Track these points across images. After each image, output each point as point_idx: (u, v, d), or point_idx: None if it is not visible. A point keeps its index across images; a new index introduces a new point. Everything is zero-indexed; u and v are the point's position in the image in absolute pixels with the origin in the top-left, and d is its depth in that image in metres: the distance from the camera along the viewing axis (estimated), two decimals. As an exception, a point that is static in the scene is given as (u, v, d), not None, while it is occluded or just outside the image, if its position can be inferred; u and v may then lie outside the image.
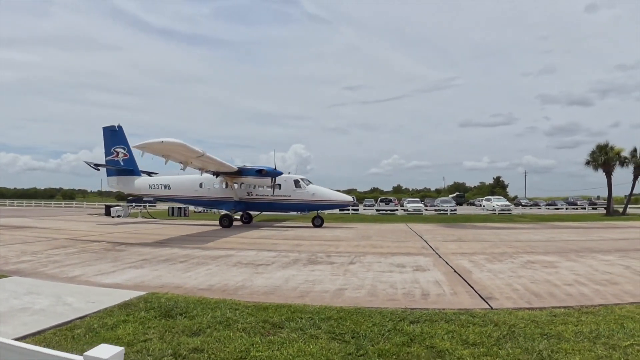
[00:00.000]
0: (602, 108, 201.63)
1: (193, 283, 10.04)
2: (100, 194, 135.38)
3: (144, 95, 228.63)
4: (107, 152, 36.41)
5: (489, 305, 8.23)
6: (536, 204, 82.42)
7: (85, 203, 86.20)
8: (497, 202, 58.89)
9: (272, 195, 31.53)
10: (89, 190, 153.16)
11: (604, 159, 52.32)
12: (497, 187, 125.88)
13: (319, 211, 32.94)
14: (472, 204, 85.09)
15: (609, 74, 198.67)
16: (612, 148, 52.79)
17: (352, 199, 34.16)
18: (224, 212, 31.96)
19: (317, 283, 10.16)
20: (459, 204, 78.79)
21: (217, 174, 31.18)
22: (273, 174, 30.66)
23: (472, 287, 9.89)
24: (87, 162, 37.95)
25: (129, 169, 35.89)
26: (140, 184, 35.81)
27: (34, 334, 6.14)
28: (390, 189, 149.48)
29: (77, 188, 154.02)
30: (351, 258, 14.52)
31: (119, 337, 6.02)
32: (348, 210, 56.55)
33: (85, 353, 2.60)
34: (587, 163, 54.33)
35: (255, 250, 16.25)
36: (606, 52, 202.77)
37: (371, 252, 16.35)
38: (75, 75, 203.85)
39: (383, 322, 6.80)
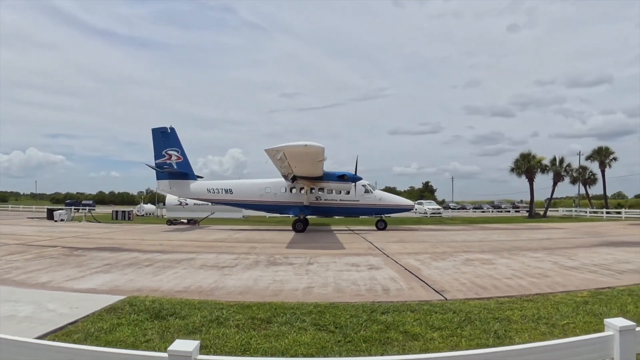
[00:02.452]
0: (522, 119, 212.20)
1: (168, 286, 10.25)
2: (34, 197, 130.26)
3: (81, 96, 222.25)
4: (157, 155, 34.45)
5: (444, 297, 9.13)
6: (463, 207, 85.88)
7: (21, 206, 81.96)
8: (428, 206, 60.73)
9: (341, 200, 31.36)
10: (21, 193, 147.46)
11: (527, 166, 55.53)
12: (426, 192, 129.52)
13: (382, 215, 32.64)
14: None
15: (529, 88, 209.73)
16: (534, 156, 56.13)
17: (412, 203, 34.78)
18: (296, 216, 31.46)
19: (285, 282, 10.68)
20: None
21: (294, 178, 29.81)
22: (354, 179, 30.27)
23: (425, 282, 10.77)
24: (147, 164, 35.20)
25: (183, 173, 34.11)
26: (197, 188, 33.94)
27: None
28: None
29: (9, 190, 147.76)
30: (308, 259, 15.08)
31: (120, 339, 6.10)
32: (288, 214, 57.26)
33: (168, 349, 2.85)
34: (512, 170, 57.54)
35: (214, 254, 16.46)
36: (526, 68, 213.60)
37: (324, 253, 16.99)
38: (7, 74, 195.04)
39: (358, 314, 7.48)
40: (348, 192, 30.94)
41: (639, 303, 8.59)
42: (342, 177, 29.95)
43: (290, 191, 31.77)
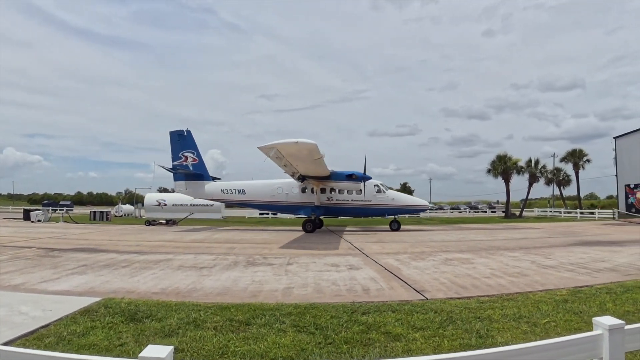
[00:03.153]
0: (498, 122, 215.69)
1: (144, 287, 9.98)
2: (11, 197, 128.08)
3: (59, 96, 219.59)
4: (175, 157, 34.82)
5: (424, 296, 9.00)
6: (441, 208, 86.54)
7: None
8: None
9: (352, 201, 30.89)
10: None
11: (503, 167, 56.18)
12: (404, 193, 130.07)
13: (396, 215, 32.13)
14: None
15: (504, 92, 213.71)
16: (510, 158, 56.89)
17: (428, 203, 34.05)
18: (305, 217, 31.04)
19: (264, 283, 10.48)
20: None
21: (303, 178, 29.82)
22: (363, 178, 29.88)
23: (405, 282, 10.65)
24: (162, 166, 35.78)
25: (199, 174, 34.49)
26: (211, 189, 34.26)
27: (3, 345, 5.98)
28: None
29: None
30: (287, 259, 14.90)
31: (94, 343, 5.88)
32: (268, 214, 56.79)
33: (140, 355, 2.76)
34: (488, 171, 58.27)
35: (192, 254, 16.20)
36: (502, 73, 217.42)
37: (303, 253, 16.85)
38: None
39: (338, 314, 7.32)
40: (360, 192, 30.42)
41: (617, 301, 8.57)
42: (350, 177, 29.70)
43: (303, 191, 31.52)
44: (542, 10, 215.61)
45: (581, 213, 56.88)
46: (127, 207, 61.84)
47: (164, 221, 38.43)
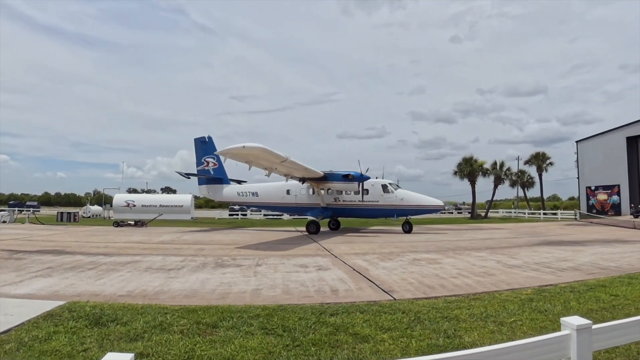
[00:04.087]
0: (464, 125, 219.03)
1: (110, 290, 9.68)
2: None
3: (26, 94, 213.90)
4: (198, 162, 36.57)
5: (392, 297, 8.95)
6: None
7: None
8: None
9: (360, 201, 29.74)
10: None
11: (469, 170, 56.93)
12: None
13: (408, 216, 30.10)
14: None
15: (470, 97, 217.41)
16: (476, 161, 57.70)
17: (442, 203, 31.21)
18: (310, 218, 30.31)
19: (233, 285, 10.28)
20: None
21: (303, 180, 29.74)
22: (360, 178, 28.89)
23: (373, 282, 10.58)
24: (178, 172, 37.54)
25: (218, 178, 35.66)
26: (228, 191, 35.37)
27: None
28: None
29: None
30: (256, 260, 14.70)
31: (56, 349, 5.63)
32: (237, 215, 56.35)
33: None
34: (455, 173, 58.96)
35: (161, 256, 15.87)
36: (468, 78, 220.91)
37: (272, 254, 16.62)
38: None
39: (307, 316, 7.20)
40: (367, 193, 29.64)
41: (581, 299, 8.65)
42: (346, 177, 28.95)
43: (311, 193, 31.15)
44: (507, 18, 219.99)
45: (544, 214, 57.87)
46: (95, 208, 60.76)
47: (132, 222, 37.72)
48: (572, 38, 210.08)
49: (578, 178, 57.84)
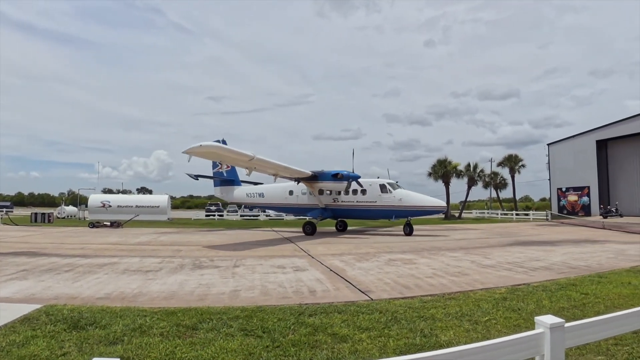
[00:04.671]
0: (438, 128, 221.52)
1: (88, 293, 9.53)
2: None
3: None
4: (214, 165, 36.39)
5: (369, 297, 9.02)
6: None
7: None
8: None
9: (357, 202, 28.91)
10: None
11: (444, 171, 57.63)
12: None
13: (409, 218, 28.38)
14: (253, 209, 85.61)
15: (444, 100, 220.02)
16: (449, 162, 58.47)
17: (444, 204, 29.85)
18: (308, 219, 30.10)
19: (211, 286, 10.23)
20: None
21: (297, 180, 29.32)
22: (348, 177, 28.03)
23: (350, 283, 10.65)
24: (188, 174, 37.00)
25: (230, 179, 36.01)
26: (239, 193, 35.51)
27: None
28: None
29: None
30: (234, 261, 14.63)
31: (34, 354, 5.52)
32: (214, 215, 55.97)
33: None
34: (429, 174, 59.58)
35: (138, 257, 15.70)
36: (442, 81, 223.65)
37: (250, 255, 16.57)
38: None
39: (285, 317, 7.22)
40: (365, 193, 28.89)
41: (552, 298, 8.84)
42: (335, 176, 28.11)
43: (310, 194, 30.51)
44: (480, 23, 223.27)
45: (517, 214, 58.70)
46: (70, 209, 59.83)
47: (108, 223, 37.15)
48: (543, 44, 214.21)
49: (549, 180, 58.76)
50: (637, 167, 49.07)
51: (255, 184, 35.91)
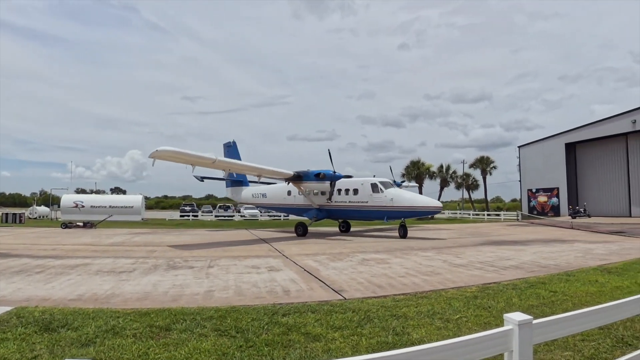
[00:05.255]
0: (412, 130, 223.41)
1: (60, 294, 9.34)
2: None
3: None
4: None
5: (342, 296, 9.04)
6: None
7: None
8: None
9: (350, 202, 27.40)
10: None
11: (417, 172, 58.33)
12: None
13: (403, 219, 26.22)
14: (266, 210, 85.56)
15: (418, 102, 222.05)
16: (423, 164, 59.30)
17: (439, 204, 26.58)
18: (300, 219, 29.81)
19: (185, 287, 10.14)
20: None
21: (287, 181, 28.58)
22: (331, 177, 27.00)
23: (324, 282, 10.66)
24: (195, 176, 35.31)
25: (239, 180, 35.63)
26: (246, 193, 35.40)
27: None
28: (224, 195, 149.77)
29: None
30: (208, 262, 14.51)
31: (5, 357, 5.41)
32: (188, 216, 55.44)
33: None
34: (403, 176, 60.23)
35: (111, 258, 15.46)
36: (416, 84, 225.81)
37: (224, 255, 16.45)
38: None
39: (259, 317, 7.20)
40: (357, 193, 27.28)
41: (522, 296, 8.99)
42: (317, 176, 27.17)
43: (315, 194, 29.21)
44: (454, 28, 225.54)
45: (488, 215, 59.43)
46: (42, 209, 58.75)
47: (81, 223, 36.63)
48: (515, 49, 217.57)
49: (520, 181, 59.69)
50: (604, 170, 50.18)
51: (269, 184, 35.41)
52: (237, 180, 35.72)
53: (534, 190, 56.33)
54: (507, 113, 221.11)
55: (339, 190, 28.04)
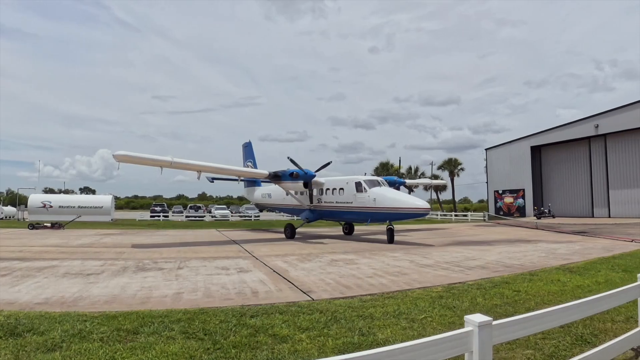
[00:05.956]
0: (381, 131, 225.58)
1: (26, 298, 9.12)
2: None
3: None
4: (243, 165, 36.72)
5: (310, 297, 9.08)
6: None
7: None
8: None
9: (337, 202, 25.43)
10: None
11: (386, 174, 58.72)
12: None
13: (389, 222, 23.53)
14: (272, 210, 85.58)
15: (387, 105, 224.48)
16: (392, 165, 59.72)
17: (426, 206, 22.37)
18: (289, 221, 29.39)
19: (154, 289, 10.03)
20: (260, 210, 79.03)
21: (266, 180, 28.15)
22: (304, 177, 25.29)
23: (292, 283, 10.68)
24: (208, 178, 33.98)
25: (253, 180, 34.63)
26: (258, 193, 34.91)
27: None
28: (195, 195, 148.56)
29: None
30: (178, 263, 14.39)
31: (-35, 363, 5.35)
32: (159, 216, 54.76)
33: None
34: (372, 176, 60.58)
35: (79, 260, 15.17)
36: (385, 87, 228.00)
37: (194, 256, 16.31)
38: None
39: (227, 319, 7.18)
40: (342, 192, 25.35)
41: (486, 295, 9.14)
42: (291, 175, 25.60)
43: (301, 194, 27.81)
44: (423, 32, 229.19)
45: (456, 215, 60.34)
46: (9, 209, 57.44)
47: (49, 224, 35.79)
48: (483, 54, 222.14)
49: (487, 182, 60.53)
50: (568, 172, 51.35)
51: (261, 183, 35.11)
52: (251, 181, 35.07)
53: (500, 192, 57.23)
54: (475, 116, 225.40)
55: (327, 190, 26.54)
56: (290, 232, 26.74)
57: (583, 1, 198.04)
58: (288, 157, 25.39)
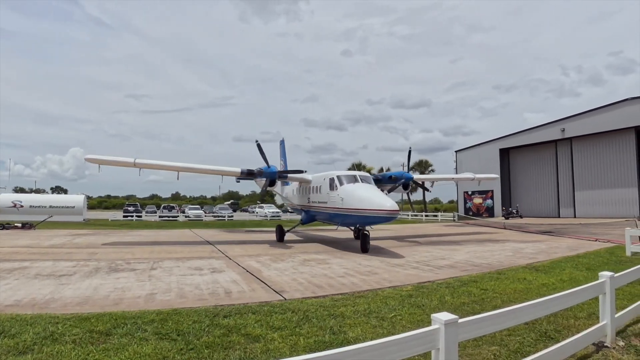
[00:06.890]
0: (354, 133, 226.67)
1: None
2: None
3: None
4: (279, 163, 36.04)
5: (283, 297, 9.12)
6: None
7: None
8: (268, 209, 60.30)
9: (319, 202, 21.58)
10: None
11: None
12: (267, 196, 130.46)
13: (359, 225, 19.69)
14: (246, 211, 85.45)
15: (360, 106, 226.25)
16: (364, 166, 60.00)
17: (394, 208, 16.64)
18: (280, 222, 28.01)
19: (127, 290, 9.92)
20: (234, 210, 78.70)
21: (240, 178, 24.13)
22: (267, 174, 22.32)
23: (265, 283, 10.70)
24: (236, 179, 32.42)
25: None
26: (284, 191, 31.73)
27: None
28: (169, 195, 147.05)
29: None
30: (151, 264, 14.23)
31: None
32: (132, 216, 53.98)
33: None
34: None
35: (51, 261, 14.87)
36: (358, 89, 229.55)
37: (167, 257, 16.15)
38: None
39: (200, 319, 7.18)
40: (319, 190, 21.96)
41: (455, 294, 9.32)
42: (260, 173, 22.70)
43: (296, 193, 26.21)
44: (395, 37, 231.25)
45: (426, 216, 60.95)
46: (-22, 210, 56.15)
47: (19, 224, 34.99)
48: (454, 59, 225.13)
49: (457, 184, 61.27)
50: (536, 173, 52.33)
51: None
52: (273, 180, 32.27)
53: (469, 193, 58.05)
54: (446, 119, 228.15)
55: (313, 188, 23.07)
56: (278, 235, 23.68)
57: (551, 10, 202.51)
58: (256, 141, 22.52)
